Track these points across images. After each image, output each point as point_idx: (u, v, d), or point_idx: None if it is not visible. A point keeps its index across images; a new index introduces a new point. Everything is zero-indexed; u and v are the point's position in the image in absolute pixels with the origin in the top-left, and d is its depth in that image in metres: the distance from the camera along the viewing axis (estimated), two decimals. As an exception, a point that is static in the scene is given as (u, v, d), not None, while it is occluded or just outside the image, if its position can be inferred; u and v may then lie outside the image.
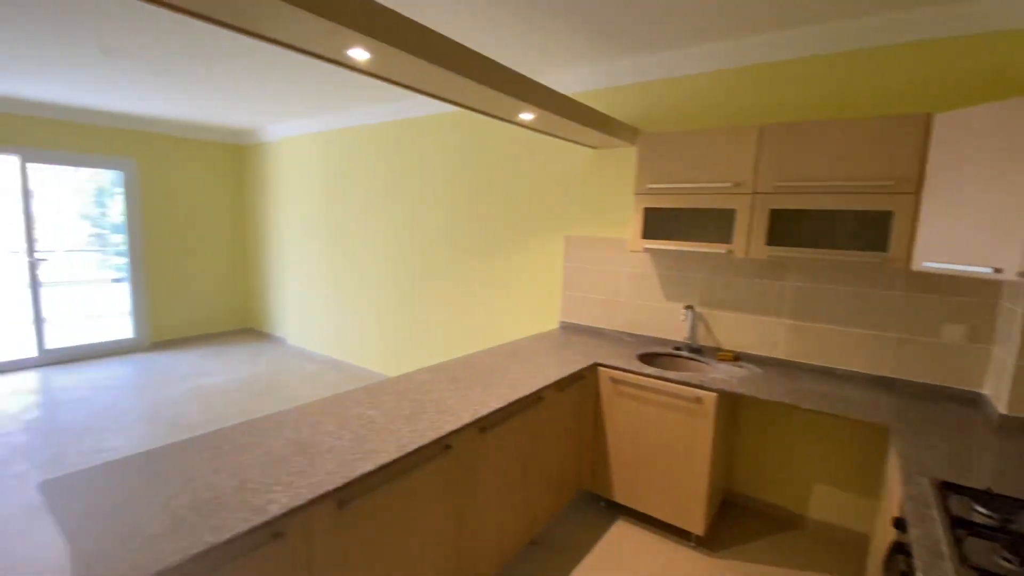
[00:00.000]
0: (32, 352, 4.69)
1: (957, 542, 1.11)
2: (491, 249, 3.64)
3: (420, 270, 4.15)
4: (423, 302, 4.16)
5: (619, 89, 2.92)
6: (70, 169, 4.90)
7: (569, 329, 3.23)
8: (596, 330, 3.13)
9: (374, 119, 4.31)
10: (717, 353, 2.65)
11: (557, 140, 3.13)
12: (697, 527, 2.25)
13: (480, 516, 1.86)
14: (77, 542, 1.00)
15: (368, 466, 1.36)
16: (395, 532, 1.49)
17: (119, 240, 5.38)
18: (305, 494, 1.20)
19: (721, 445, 2.35)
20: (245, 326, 6.34)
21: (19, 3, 2.34)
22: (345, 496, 1.31)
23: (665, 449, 2.30)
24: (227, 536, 1.04)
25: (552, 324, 3.35)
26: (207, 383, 4.39)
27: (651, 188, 2.52)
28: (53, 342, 4.82)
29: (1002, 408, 1.88)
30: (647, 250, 2.71)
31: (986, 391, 2.06)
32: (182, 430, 3.38)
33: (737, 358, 2.61)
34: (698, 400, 2.17)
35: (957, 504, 1.28)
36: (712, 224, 2.56)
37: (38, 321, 4.71)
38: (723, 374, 2.35)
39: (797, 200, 2.13)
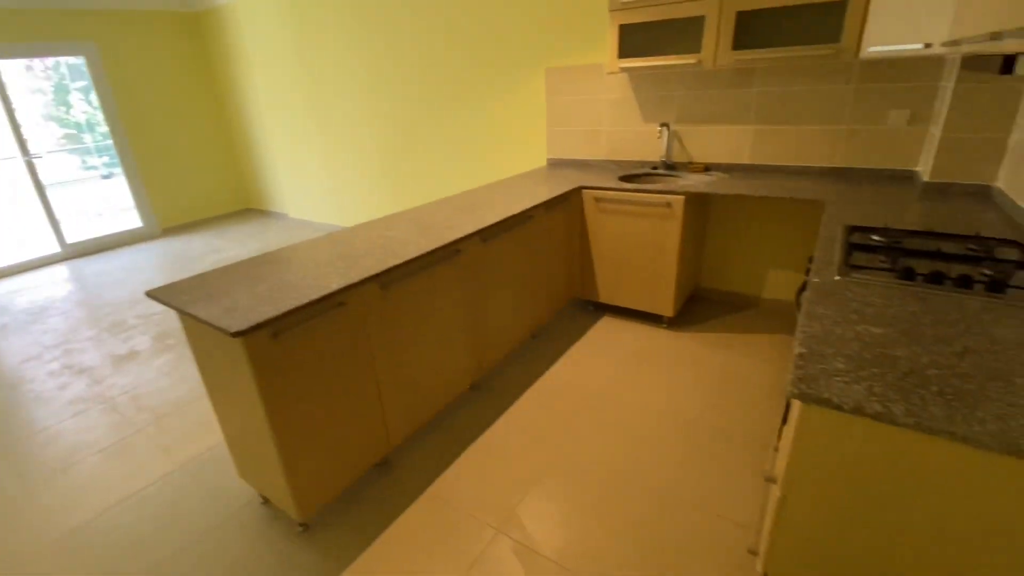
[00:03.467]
0: (55, 248, 4.98)
1: (847, 255, 1.49)
2: (472, 93, 3.69)
3: (404, 124, 4.22)
4: (412, 156, 4.31)
5: None
6: (23, 66, 4.69)
7: (556, 164, 3.46)
8: (581, 162, 3.35)
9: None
10: (689, 166, 2.91)
11: (528, -37, 3.01)
12: (667, 310, 2.74)
13: (489, 311, 2.30)
14: (196, 311, 1.37)
15: (398, 261, 1.71)
16: (425, 315, 1.92)
17: (90, 139, 5.37)
18: (355, 277, 1.57)
19: (690, 242, 2.74)
20: (246, 206, 6.52)
21: None
22: (385, 280, 1.69)
23: (641, 251, 2.69)
24: (306, 300, 1.42)
25: (541, 162, 3.56)
26: (225, 256, 4.75)
27: (625, 2, 2.54)
28: (72, 236, 5.08)
29: (926, 177, 2.20)
30: (624, 70, 2.81)
31: (919, 168, 2.36)
32: (220, 293, 3.81)
33: (707, 169, 2.88)
34: (668, 205, 2.50)
35: (858, 236, 1.66)
36: (684, 35, 2.62)
37: (52, 218, 4.90)
38: (692, 182, 2.64)
39: (761, -1, 2.20)
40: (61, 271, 4.70)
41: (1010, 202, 1.86)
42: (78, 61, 4.94)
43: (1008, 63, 1.15)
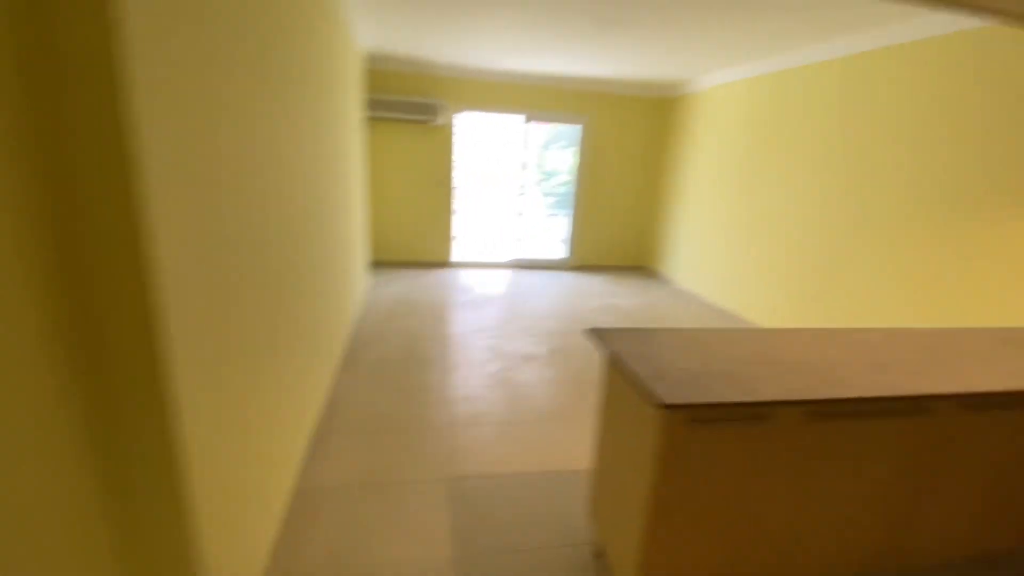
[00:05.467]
0: (506, 258, 6.80)
1: None
2: (970, 210, 2.86)
3: (858, 227, 3.66)
4: (853, 264, 3.70)
5: None
6: (533, 125, 6.60)
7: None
8: None
9: (813, 58, 3.90)
10: None
11: None
12: None
13: (940, 503, 1.67)
14: (632, 364, 1.48)
15: (839, 392, 1.42)
16: (847, 469, 1.54)
17: (548, 184, 7.06)
18: (785, 394, 1.39)
19: None
20: (639, 263, 7.20)
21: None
22: (815, 411, 1.43)
23: None
24: (735, 399, 1.33)
25: (1065, 319, 2.43)
26: (613, 302, 5.34)
27: None
28: (518, 254, 6.83)
29: None
30: None
31: None
32: (602, 333, 4.31)
33: None
34: None
35: None
36: None
37: (516, 239, 6.72)
38: None
39: None
40: (506, 275, 6.35)
41: None
42: (574, 127, 6.56)
43: None
